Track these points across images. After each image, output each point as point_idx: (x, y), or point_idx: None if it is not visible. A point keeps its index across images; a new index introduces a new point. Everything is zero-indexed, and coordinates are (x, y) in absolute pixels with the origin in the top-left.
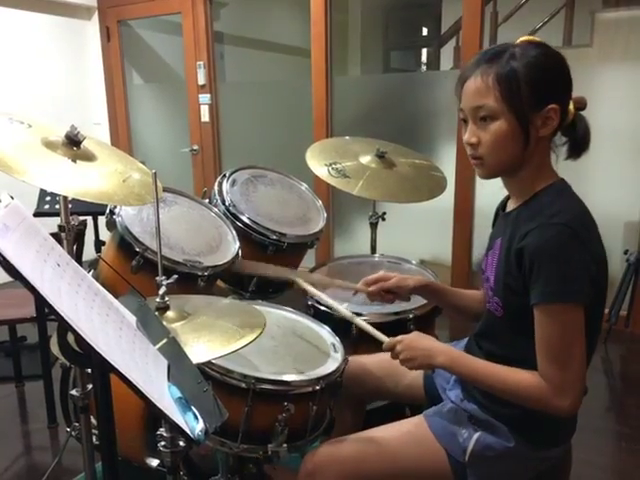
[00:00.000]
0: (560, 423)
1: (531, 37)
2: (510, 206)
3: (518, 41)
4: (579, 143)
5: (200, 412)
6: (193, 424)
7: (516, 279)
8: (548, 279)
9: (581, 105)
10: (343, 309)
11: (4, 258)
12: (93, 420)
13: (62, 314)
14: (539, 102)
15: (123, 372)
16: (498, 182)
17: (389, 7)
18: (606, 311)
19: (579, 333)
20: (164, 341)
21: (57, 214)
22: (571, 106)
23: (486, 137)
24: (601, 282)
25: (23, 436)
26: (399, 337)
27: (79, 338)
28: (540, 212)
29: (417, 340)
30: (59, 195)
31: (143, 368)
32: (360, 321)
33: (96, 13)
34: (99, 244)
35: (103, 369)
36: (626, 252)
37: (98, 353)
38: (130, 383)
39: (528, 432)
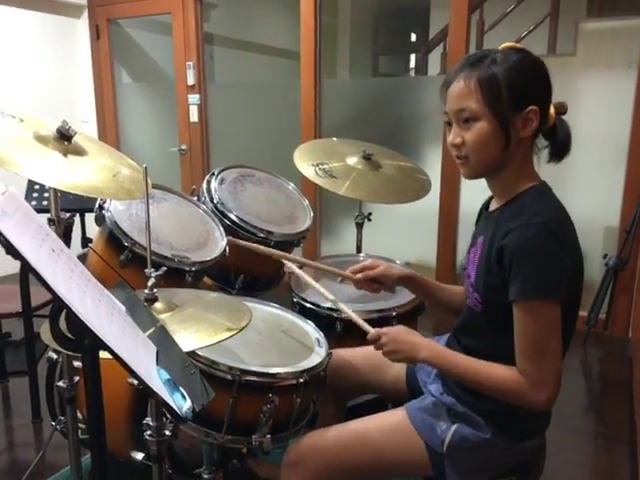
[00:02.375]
0: (535, 416)
1: (513, 43)
2: (493, 205)
3: (501, 47)
4: (560, 147)
5: (187, 393)
6: (181, 403)
7: (496, 277)
8: (526, 277)
9: (562, 110)
10: (331, 296)
11: (6, 239)
12: (78, 414)
13: (58, 292)
14: (519, 104)
15: (115, 350)
16: (482, 185)
17: (378, 12)
18: (585, 314)
19: (555, 330)
20: (152, 329)
21: (44, 210)
22: (552, 110)
23: (469, 138)
24: (577, 282)
25: (6, 432)
26: (384, 329)
27: (73, 320)
28: (521, 212)
29: (402, 334)
30: (47, 191)
31: (133, 351)
32: (346, 308)
33: (86, 11)
34: (86, 241)
35: (95, 350)
36: (605, 256)
37: (91, 332)
38: (122, 361)
39: (504, 424)
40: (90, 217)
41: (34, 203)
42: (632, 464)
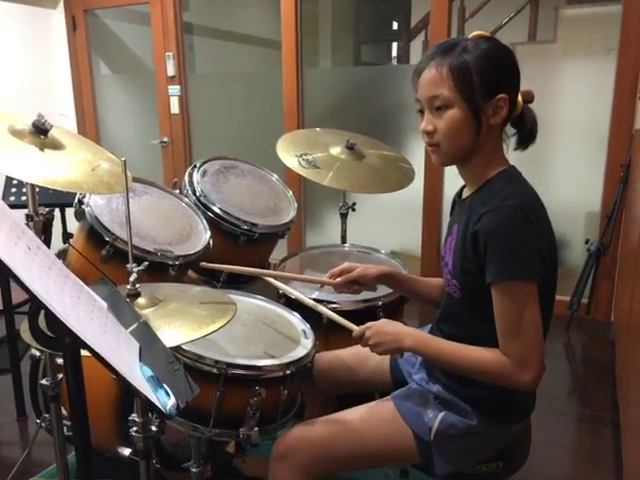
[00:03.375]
0: (520, 400)
1: (482, 32)
2: (465, 193)
3: (470, 35)
4: (527, 134)
5: (171, 389)
6: (165, 400)
7: (472, 261)
8: (502, 258)
9: (529, 98)
10: (311, 301)
11: None
12: (63, 411)
13: (34, 292)
14: (489, 92)
15: (95, 349)
16: None
17: (360, 1)
18: (568, 299)
19: (534, 308)
20: (135, 325)
21: (23, 206)
22: (520, 99)
23: (441, 125)
24: (551, 261)
25: None
26: (368, 324)
27: (51, 319)
28: (492, 196)
29: (385, 325)
30: (25, 186)
31: (115, 349)
32: (328, 311)
33: (61, 2)
34: (67, 236)
35: (75, 350)
36: (587, 241)
37: (70, 331)
38: (102, 359)
39: (490, 410)
40: (71, 211)
41: (12, 199)
42: (616, 446)
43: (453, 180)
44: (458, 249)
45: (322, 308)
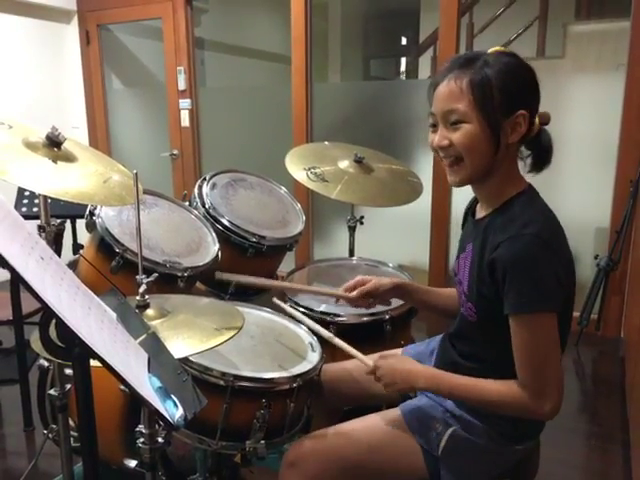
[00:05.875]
0: (532, 420)
1: (502, 48)
2: (480, 212)
3: (490, 51)
4: (542, 156)
5: (179, 400)
6: (173, 410)
7: (489, 288)
8: (521, 290)
9: (545, 120)
10: (327, 333)
11: None
12: (71, 422)
13: (46, 300)
14: (509, 108)
15: (105, 359)
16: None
17: (369, 16)
18: (577, 315)
19: (554, 340)
20: (144, 336)
21: (35, 217)
22: (537, 120)
23: (457, 140)
24: (570, 285)
25: None
26: (378, 362)
27: (62, 329)
28: (511, 222)
29: (396, 364)
30: (37, 197)
31: (124, 358)
32: (343, 343)
33: (75, 17)
34: (77, 247)
35: (84, 360)
36: (596, 257)
37: (81, 341)
38: (112, 369)
39: (500, 427)
40: (82, 223)
41: (24, 210)
42: (625, 464)
43: (461, 194)
44: (474, 273)
45: (338, 341)
